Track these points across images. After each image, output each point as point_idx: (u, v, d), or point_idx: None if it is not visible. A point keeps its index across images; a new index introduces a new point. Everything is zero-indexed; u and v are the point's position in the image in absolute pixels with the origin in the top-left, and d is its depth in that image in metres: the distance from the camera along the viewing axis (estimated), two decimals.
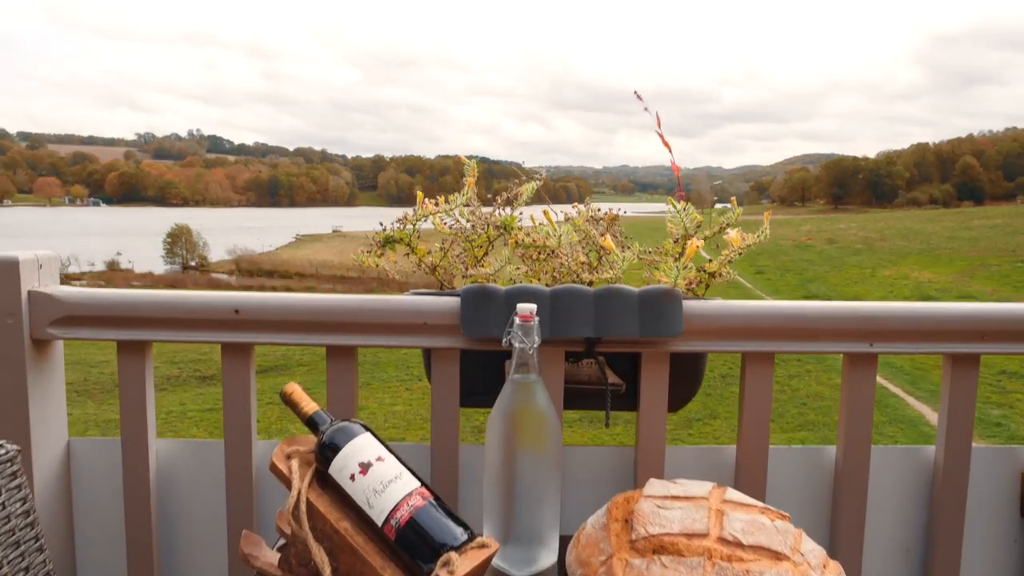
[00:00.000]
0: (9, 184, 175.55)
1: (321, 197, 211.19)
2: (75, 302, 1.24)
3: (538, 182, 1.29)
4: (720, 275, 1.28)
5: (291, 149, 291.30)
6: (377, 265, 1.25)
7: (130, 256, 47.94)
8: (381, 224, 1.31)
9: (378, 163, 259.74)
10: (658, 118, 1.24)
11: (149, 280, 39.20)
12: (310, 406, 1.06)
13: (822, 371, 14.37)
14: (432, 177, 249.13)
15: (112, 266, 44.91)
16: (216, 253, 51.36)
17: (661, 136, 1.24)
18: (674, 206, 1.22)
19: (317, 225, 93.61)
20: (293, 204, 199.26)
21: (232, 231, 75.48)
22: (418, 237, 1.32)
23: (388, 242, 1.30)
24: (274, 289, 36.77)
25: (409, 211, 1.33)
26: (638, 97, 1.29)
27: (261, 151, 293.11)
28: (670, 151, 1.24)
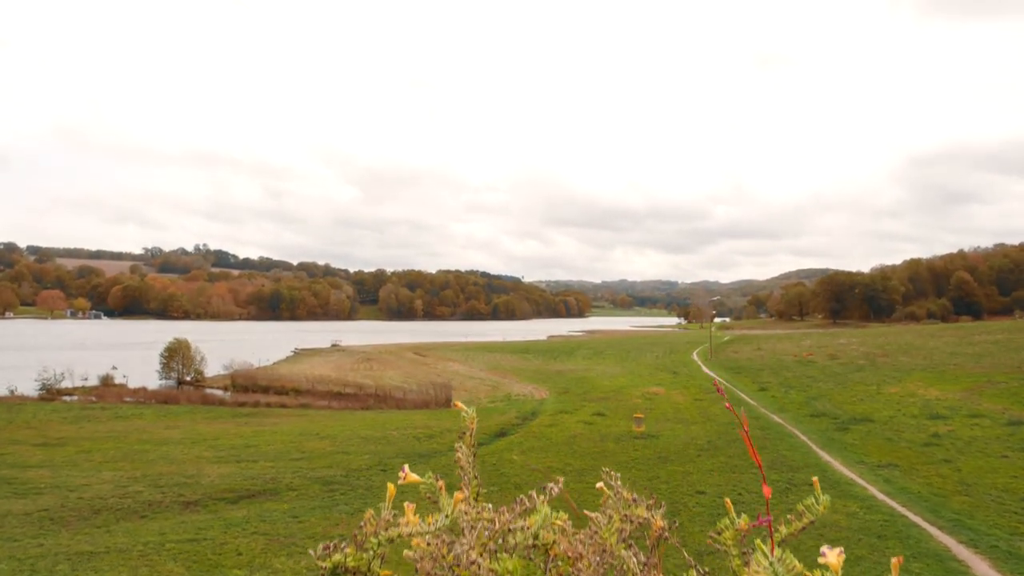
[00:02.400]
0: (12, 296, 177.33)
1: (322, 310, 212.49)
2: None
3: (554, 490, 0.91)
4: None
5: (295, 263, 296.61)
6: None
7: (126, 370, 47.10)
8: (328, 544, 0.91)
9: (379, 277, 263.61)
10: (739, 415, 0.89)
11: (142, 395, 38.04)
12: None
13: (836, 496, 13.40)
14: (432, 291, 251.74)
15: (106, 380, 43.75)
16: (213, 367, 50.58)
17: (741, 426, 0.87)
18: (763, 552, 0.83)
19: (316, 339, 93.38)
20: (294, 317, 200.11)
21: (231, 344, 75.06)
22: (381, 562, 0.92)
23: (337, 574, 0.90)
24: (268, 406, 35.39)
25: (369, 515, 0.94)
26: (719, 390, 0.95)
27: (266, 265, 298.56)
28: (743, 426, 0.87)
